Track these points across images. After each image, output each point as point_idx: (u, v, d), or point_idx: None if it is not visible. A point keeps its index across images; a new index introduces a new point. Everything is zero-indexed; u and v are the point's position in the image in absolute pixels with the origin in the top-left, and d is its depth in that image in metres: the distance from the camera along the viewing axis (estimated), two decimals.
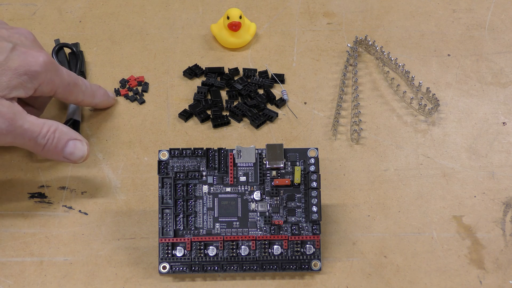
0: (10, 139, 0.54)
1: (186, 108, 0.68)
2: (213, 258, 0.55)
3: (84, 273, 0.57)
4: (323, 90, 0.69)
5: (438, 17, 0.76)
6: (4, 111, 0.53)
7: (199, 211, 0.56)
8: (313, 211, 0.55)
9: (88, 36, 0.74)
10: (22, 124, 0.55)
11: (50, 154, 0.57)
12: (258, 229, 0.56)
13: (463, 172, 0.63)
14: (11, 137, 0.54)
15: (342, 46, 0.73)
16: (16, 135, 0.54)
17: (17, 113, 0.54)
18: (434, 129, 0.66)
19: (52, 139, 0.56)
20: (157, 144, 0.65)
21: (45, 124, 0.56)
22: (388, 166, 0.63)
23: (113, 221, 0.60)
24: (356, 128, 0.66)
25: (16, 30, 0.58)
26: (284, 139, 0.65)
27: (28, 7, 0.77)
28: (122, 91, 0.69)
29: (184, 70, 0.71)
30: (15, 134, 0.54)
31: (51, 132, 0.56)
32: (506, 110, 0.68)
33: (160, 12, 0.77)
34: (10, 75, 0.54)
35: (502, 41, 0.74)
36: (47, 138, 0.56)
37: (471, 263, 0.57)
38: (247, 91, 0.68)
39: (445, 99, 0.69)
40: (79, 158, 0.58)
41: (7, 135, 0.54)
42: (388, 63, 0.71)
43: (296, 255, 0.56)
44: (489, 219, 0.60)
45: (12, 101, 0.55)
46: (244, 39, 0.72)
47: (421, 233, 0.59)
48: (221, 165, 0.57)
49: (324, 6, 0.77)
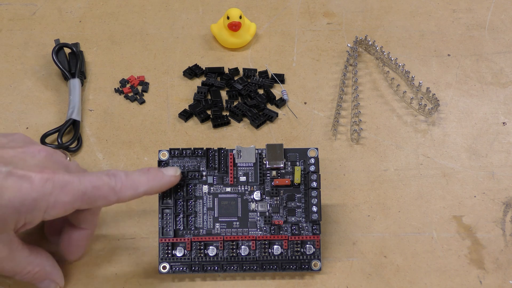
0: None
1: (186, 108, 0.68)
2: (213, 258, 0.55)
3: (84, 273, 0.57)
4: (323, 90, 0.69)
5: (438, 17, 0.76)
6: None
7: (199, 211, 0.56)
8: (313, 211, 0.55)
9: (88, 36, 0.74)
10: (7, 264, 0.50)
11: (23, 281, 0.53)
12: (258, 229, 0.56)
13: (463, 172, 0.63)
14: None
15: (342, 46, 0.73)
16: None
17: (6, 253, 0.49)
18: (434, 129, 0.66)
19: (28, 276, 0.52)
20: (157, 144, 0.65)
21: (30, 264, 0.51)
22: (388, 166, 0.63)
23: (113, 221, 0.60)
24: (356, 128, 0.66)
25: (11, 137, 0.52)
26: (284, 139, 0.65)
27: (28, 7, 0.77)
28: (125, 90, 0.69)
29: (184, 70, 0.71)
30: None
31: (32, 272, 0.52)
32: (506, 110, 0.68)
33: (160, 12, 0.77)
34: (4, 209, 0.46)
35: (502, 41, 0.74)
36: (25, 276, 0.52)
37: (471, 263, 0.57)
38: (247, 91, 0.68)
39: (445, 99, 0.69)
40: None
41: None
42: (388, 63, 0.71)
43: (296, 255, 0.55)
44: (489, 219, 0.60)
45: (8, 235, 0.49)
46: (244, 39, 0.72)
47: (421, 233, 0.59)
48: (221, 165, 0.57)
49: (324, 6, 0.77)
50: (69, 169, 0.51)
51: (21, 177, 0.47)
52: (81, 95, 0.68)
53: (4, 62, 0.72)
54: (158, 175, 0.54)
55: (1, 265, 0.50)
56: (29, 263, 0.51)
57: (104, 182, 0.50)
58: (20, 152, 0.49)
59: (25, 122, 0.67)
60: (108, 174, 0.51)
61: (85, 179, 0.49)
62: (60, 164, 0.51)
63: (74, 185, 0.49)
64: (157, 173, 0.54)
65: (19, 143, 0.51)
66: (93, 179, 0.50)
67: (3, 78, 0.70)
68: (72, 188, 0.49)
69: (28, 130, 0.66)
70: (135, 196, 0.52)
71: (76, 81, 0.68)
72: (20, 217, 0.47)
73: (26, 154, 0.49)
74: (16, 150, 0.49)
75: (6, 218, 0.47)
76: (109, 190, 0.50)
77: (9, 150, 0.49)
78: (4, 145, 0.50)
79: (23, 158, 0.49)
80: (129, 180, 0.52)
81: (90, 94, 0.69)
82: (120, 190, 0.51)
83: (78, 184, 0.49)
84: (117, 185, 0.51)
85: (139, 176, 0.52)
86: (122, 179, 0.51)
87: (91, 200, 0.50)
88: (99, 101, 0.68)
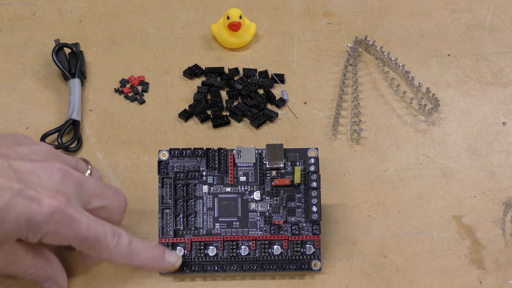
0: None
1: (186, 108, 0.68)
2: (213, 258, 0.55)
3: (84, 273, 0.57)
4: (323, 90, 0.69)
5: (438, 17, 0.76)
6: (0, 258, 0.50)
7: (199, 211, 0.56)
8: (313, 211, 0.55)
9: (88, 36, 0.74)
10: (9, 268, 0.51)
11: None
12: (258, 229, 0.56)
13: (463, 172, 0.63)
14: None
15: (342, 46, 0.73)
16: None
17: (10, 259, 0.50)
18: (434, 129, 0.66)
19: (31, 277, 0.52)
20: (157, 144, 0.65)
21: (33, 267, 0.52)
22: (388, 166, 0.63)
23: None
24: (356, 128, 0.66)
25: (34, 147, 0.51)
26: (284, 139, 0.65)
27: (28, 7, 0.77)
28: (125, 90, 0.69)
29: (184, 70, 0.71)
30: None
31: (35, 274, 0.52)
32: (506, 110, 0.68)
33: (160, 12, 0.77)
34: (9, 225, 0.47)
35: (502, 41, 0.74)
36: (28, 277, 0.52)
37: (471, 263, 0.57)
38: (247, 91, 0.68)
39: (445, 99, 0.69)
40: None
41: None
42: (388, 63, 0.71)
43: (296, 255, 0.55)
44: (489, 219, 0.60)
45: (11, 245, 0.50)
46: (244, 39, 0.72)
47: (421, 233, 0.59)
48: (221, 165, 0.57)
49: (324, 6, 0.77)
50: (85, 190, 0.51)
51: (32, 199, 0.47)
52: (81, 95, 0.68)
53: (4, 62, 0.72)
54: (159, 257, 0.54)
55: (5, 268, 0.51)
56: (32, 266, 0.51)
57: (106, 239, 0.50)
58: (38, 168, 0.49)
59: (25, 122, 0.67)
60: (114, 234, 0.51)
61: (93, 227, 0.50)
62: (77, 187, 0.50)
63: (80, 226, 0.49)
64: (159, 254, 0.54)
65: (40, 156, 0.50)
66: (99, 230, 0.50)
67: (3, 78, 0.70)
68: (76, 227, 0.49)
69: (28, 130, 0.66)
70: (127, 265, 0.54)
71: (76, 81, 0.68)
72: (22, 234, 0.48)
73: (43, 171, 0.49)
74: (35, 164, 0.49)
75: (10, 233, 0.47)
76: (106, 249, 0.51)
77: (27, 164, 0.49)
78: (23, 156, 0.49)
79: (39, 176, 0.48)
80: (128, 249, 0.52)
81: (90, 94, 0.69)
82: (115, 255, 0.51)
83: (84, 228, 0.49)
84: (115, 249, 0.51)
85: (141, 248, 0.53)
86: (123, 245, 0.51)
87: (86, 247, 0.50)
88: (99, 101, 0.68)
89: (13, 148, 0.49)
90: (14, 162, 0.48)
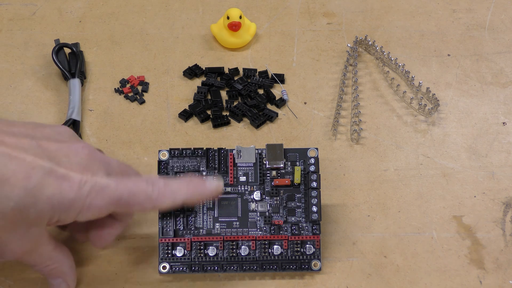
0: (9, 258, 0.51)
1: (186, 108, 0.68)
2: (213, 258, 0.55)
3: (84, 273, 0.57)
4: (323, 90, 0.69)
5: (438, 17, 0.76)
6: (25, 243, 0.49)
7: (199, 211, 0.56)
8: (313, 211, 0.55)
9: (88, 36, 0.74)
10: (29, 256, 0.51)
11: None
12: (258, 229, 0.56)
13: (463, 172, 0.63)
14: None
15: (342, 46, 0.73)
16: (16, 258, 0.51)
17: (33, 247, 0.49)
18: (434, 129, 0.66)
19: (45, 269, 0.52)
20: (157, 144, 0.65)
21: (51, 259, 0.52)
22: (388, 166, 0.63)
23: None
24: (356, 128, 0.66)
25: (57, 129, 0.52)
26: (284, 139, 0.65)
27: (28, 7, 0.77)
28: (125, 90, 0.69)
29: (184, 70, 0.71)
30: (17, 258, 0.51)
31: (50, 267, 0.52)
32: (506, 110, 0.68)
33: (160, 12, 0.77)
34: (42, 205, 0.47)
35: (502, 41, 0.74)
36: (42, 269, 0.52)
37: (471, 263, 0.57)
38: (247, 91, 0.68)
39: (445, 99, 0.69)
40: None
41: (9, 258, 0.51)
42: (388, 63, 0.71)
43: (296, 255, 0.55)
44: (489, 219, 0.60)
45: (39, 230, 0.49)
46: (244, 39, 0.72)
47: (421, 233, 0.59)
48: (221, 165, 0.57)
49: (324, 6, 0.77)
50: (110, 167, 0.51)
51: (62, 176, 0.47)
52: (81, 95, 0.68)
53: (4, 62, 0.72)
54: (200, 187, 0.53)
55: (25, 256, 0.50)
56: (50, 258, 0.51)
57: (141, 189, 0.50)
58: (65, 147, 0.49)
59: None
60: (147, 181, 0.51)
61: (122, 184, 0.49)
62: (102, 163, 0.51)
63: (110, 189, 0.49)
64: (199, 184, 0.53)
65: (64, 137, 0.51)
66: (130, 184, 0.50)
67: (3, 78, 0.70)
68: (108, 193, 0.49)
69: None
70: (173, 205, 0.52)
71: (76, 81, 0.68)
72: (54, 214, 0.48)
73: (70, 149, 0.49)
74: (62, 144, 0.49)
75: (42, 213, 0.47)
76: (145, 197, 0.50)
77: (54, 144, 0.49)
78: (50, 137, 0.49)
79: (67, 154, 0.49)
80: (167, 189, 0.51)
81: (90, 94, 0.69)
82: (156, 199, 0.51)
83: (114, 189, 0.49)
84: (153, 193, 0.50)
85: (179, 185, 0.52)
86: (160, 188, 0.51)
87: (126, 206, 0.50)
88: (99, 101, 0.68)
89: (38, 129, 0.50)
90: (42, 142, 0.48)
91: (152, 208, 0.51)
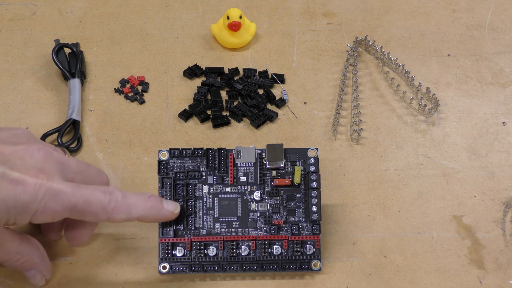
0: None
1: (186, 108, 0.68)
2: (213, 258, 0.55)
3: (84, 273, 0.57)
4: (323, 90, 0.69)
5: (438, 17, 0.76)
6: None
7: (199, 211, 0.56)
8: (313, 211, 0.55)
9: (88, 36, 0.74)
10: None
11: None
12: (258, 229, 0.56)
13: (463, 172, 0.63)
14: None
15: (342, 46, 0.73)
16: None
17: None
18: (434, 129, 0.66)
19: (16, 264, 0.52)
20: (157, 144, 0.65)
21: (19, 253, 0.51)
22: (388, 166, 0.63)
23: None
24: (356, 128, 0.66)
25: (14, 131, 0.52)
26: (284, 139, 0.65)
27: (28, 7, 0.77)
28: (125, 90, 0.69)
29: (184, 70, 0.71)
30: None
31: (20, 261, 0.52)
32: (506, 110, 0.68)
33: (160, 12, 0.77)
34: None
35: (502, 41, 0.74)
36: (13, 264, 0.52)
37: (471, 263, 0.57)
38: (247, 91, 0.68)
39: (445, 99, 0.69)
40: (33, 285, 0.55)
41: None
42: (388, 63, 0.71)
43: (296, 255, 0.55)
44: (489, 219, 0.60)
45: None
46: (244, 39, 0.72)
47: (421, 233, 0.59)
48: (221, 165, 0.57)
49: (324, 6, 0.77)
50: (68, 168, 0.51)
51: (16, 180, 0.47)
52: (81, 95, 0.68)
53: (4, 62, 0.72)
54: (157, 206, 0.53)
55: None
56: (18, 253, 0.51)
57: (97, 199, 0.50)
58: (20, 149, 0.49)
59: (25, 122, 0.67)
60: (104, 192, 0.50)
61: (78, 192, 0.49)
62: (59, 165, 0.50)
63: (66, 195, 0.48)
64: (157, 203, 0.53)
65: (21, 139, 0.51)
66: (86, 193, 0.49)
67: (3, 78, 0.70)
68: (63, 198, 0.48)
69: (28, 130, 0.66)
70: (127, 220, 0.51)
71: (76, 81, 0.68)
72: (10, 217, 0.48)
73: (25, 152, 0.49)
74: (17, 146, 0.49)
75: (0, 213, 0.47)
76: (100, 208, 0.50)
77: (9, 146, 0.49)
78: (5, 140, 0.50)
79: (22, 156, 0.49)
80: (124, 202, 0.51)
81: (90, 94, 0.69)
82: (112, 211, 0.50)
83: (70, 196, 0.49)
84: (110, 205, 0.50)
85: (137, 200, 0.51)
86: (117, 200, 0.50)
87: (81, 214, 0.50)
88: (99, 101, 0.68)
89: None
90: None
91: (107, 219, 0.51)
